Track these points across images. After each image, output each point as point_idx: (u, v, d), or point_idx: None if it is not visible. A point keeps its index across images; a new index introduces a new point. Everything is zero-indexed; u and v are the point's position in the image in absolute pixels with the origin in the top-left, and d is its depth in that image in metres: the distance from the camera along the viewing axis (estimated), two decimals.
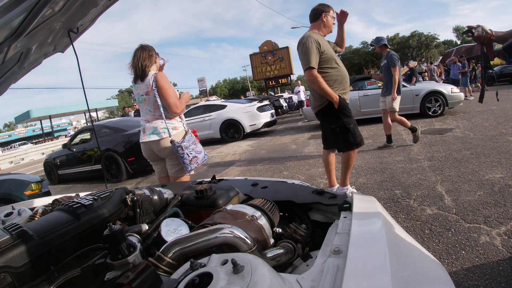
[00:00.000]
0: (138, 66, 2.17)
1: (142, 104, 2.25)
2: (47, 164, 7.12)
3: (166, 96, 2.14)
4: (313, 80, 2.40)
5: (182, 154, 2.14)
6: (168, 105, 2.16)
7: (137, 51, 2.20)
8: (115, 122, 6.40)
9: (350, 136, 2.47)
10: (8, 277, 0.64)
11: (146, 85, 2.18)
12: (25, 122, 24.77)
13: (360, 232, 0.68)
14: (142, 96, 2.22)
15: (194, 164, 2.18)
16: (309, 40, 2.43)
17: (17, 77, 1.50)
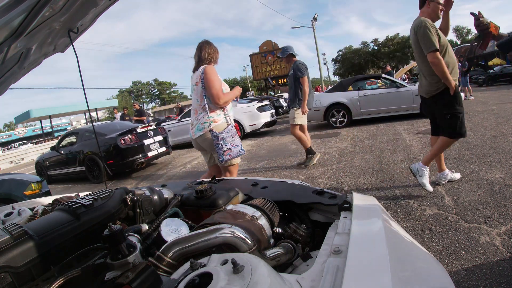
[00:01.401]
0: (195, 58, 2.43)
1: (193, 94, 2.45)
2: (38, 165, 7.49)
3: (210, 87, 2.28)
4: (437, 63, 2.38)
5: (217, 144, 2.28)
6: (211, 95, 2.30)
7: (200, 44, 2.44)
8: (97, 126, 6.75)
9: (458, 125, 2.49)
10: (8, 277, 0.64)
11: (196, 76, 2.37)
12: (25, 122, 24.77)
13: (360, 232, 0.68)
14: (193, 86, 2.43)
15: (227, 156, 2.30)
16: (428, 23, 2.43)
17: (17, 77, 1.49)
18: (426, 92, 2.61)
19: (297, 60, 4.18)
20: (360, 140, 5.49)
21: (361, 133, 6.15)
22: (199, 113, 2.39)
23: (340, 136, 6.34)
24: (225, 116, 2.41)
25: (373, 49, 46.92)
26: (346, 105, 7.39)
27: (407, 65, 23.42)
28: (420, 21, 2.47)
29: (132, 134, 5.93)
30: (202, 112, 2.37)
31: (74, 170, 6.43)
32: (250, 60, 24.27)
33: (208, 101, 2.34)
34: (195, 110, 2.43)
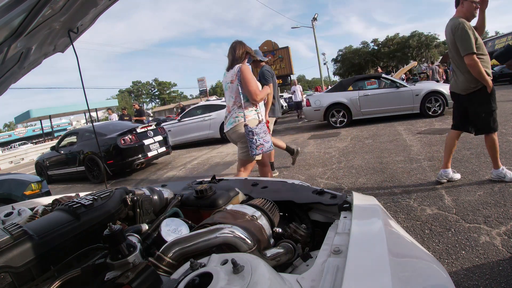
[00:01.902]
0: (231, 57, 2.56)
1: (227, 91, 2.59)
2: (38, 165, 7.50)
3: (248, 84, 2.43)
4: (474, 65, 2.43)
5: (251, 139, 2.42)
6: (248, 92, 2.45)
7: (234, 44, 2.58)
8: (97, 127, 6.74)
9: (491, 121, 2.58)
10: (8, 277, 0.64)
11: (231, 74, 2.52)
12: (25, 122, 24.74)
13: (360, 232, 0.68)
14: (228, 84, 2.57)
15: (259, 150, 2.44)
16: (465, 25, 2.46)
17: (17, 77, 1.49)
18: (463, 89, 2.64)
19: (264, 65, 3.92)
20: (360, 140, 5.49)
21: (361, 133, 6.15)
22: (232, 108, 2.56)
23: (340, 136, 6.34)
24: (256, 113, 2.56)
25: (373, 49, 46.90)
26: (346, 105, 7.39)
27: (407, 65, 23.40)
28: (457, 22, 2.49)
29: (132, 134, 5.93)
30: (235, 107, 2.53)
31: (74, 170, 6.44)
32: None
33: (243, 98, 2.49)
34: (228, 106, 2.60)
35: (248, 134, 2.42)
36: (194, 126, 8.68)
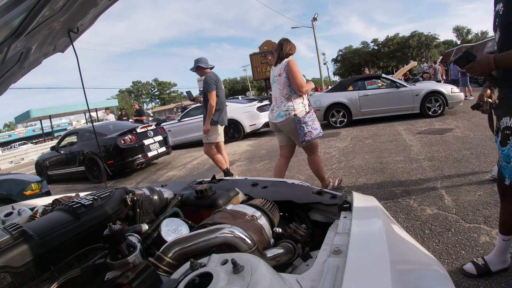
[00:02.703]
0: (278, 53, 2.81)
1: (275, 84, 2.83)
2: (38, 165, 7.49)
3: (295, 78, 2.67)
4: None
5: (300, 127, 2.67)
6: (295, 84, 2.69)
7: (281, 41, 2.84)
8: (97, 127, 6.73)
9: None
10: (8, 277, 0.64)
11: (279, 68, 2.77)
12: (25, 122, 24.73)
13: (360, 232, 0.68)
14: (276, 77, 2.82)
15: (308, 137, 2.69)
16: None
17: (17, 77, 1.49)
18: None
19: (209, 72, 3.81)
20: (360, 140, 5.49)
21: (361, 133, 6.15)
22: (279, 100, 2.80)
23: (340, 136, 6.34)
24: (303, 104, 2.77)
25: (373, 49, 46.92)
26: (346, 105, 7.39)
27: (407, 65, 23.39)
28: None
29: (132, 134, 5.93)
30: (283, 99, 2.77)
31: (74, 170, 6.44)
32: (250, 60, 24.23)
33: (290, 90, 2.73)
34: (276, 97, 2.84)
35: (297, 123, 2.68)
36: (194, 126, 8.67)
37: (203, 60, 3.85)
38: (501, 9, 1.32)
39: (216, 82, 3.73)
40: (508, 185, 1.38)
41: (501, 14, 1.33)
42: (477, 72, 1.33)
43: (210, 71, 3.85)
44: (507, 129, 1.33)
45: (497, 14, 1.39)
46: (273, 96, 2.92)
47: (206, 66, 3.82)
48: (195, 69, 3.85)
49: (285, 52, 2.79)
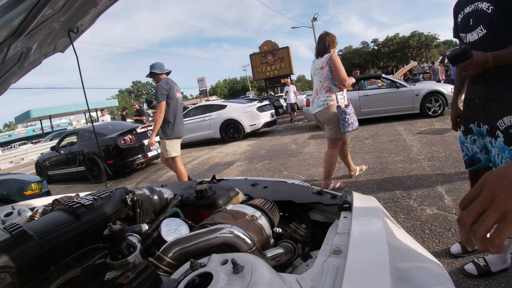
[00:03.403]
0: (320, 46, 2.95)
1: (316, 76, 2.98)
2: (38, 165, 7.50)
3: (338, 71, 2.80)
4: None
5: (344, 118, 2.82)
6: (339, 78, 2.82)
7: (322, 35, 2.98)
8: (97, 127, 6.73)
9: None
10: (8, 277, 0.64)
11: (322, 61, 2.91)
12: (25, 122, 24.72)
13: (360, 232, 0.68)
14: (317, 69, 2.95)
15: (350, 128, 2.85)
16: None
17: (17, 77, 1.49)
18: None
19: (163, 79, 3.51)
20: (360, 140, 5.48)
21: (361, 133, 6.15)
22: (320, 92, 2.95)
23: None
24: (343, 97, 2.94)
25: (373, 49, 46.93)
26: None
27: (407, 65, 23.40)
28: None
29: (132, 134, 5.94)
30: (323, 91, 2.93)
31: (74, 170, 6.44)
32: (250, 60, 24.24)
33: (332, 83, 2.88)
34: (317, 90, 3.00)
35: (341, 114, 2.83)
36: (194, 126, 8.67)
37: (157, 66, 3.57)
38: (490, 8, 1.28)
39: (167, 90, 3.43)
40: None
41: (489, 12, 1.28)
42: (474, 71, 1.29)
43: (165, 77, 3.57)
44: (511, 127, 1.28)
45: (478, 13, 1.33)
46: (314, 89, 3.09)
47: (160, 72, 3.53)
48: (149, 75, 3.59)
49: (326, 45, 2.92)
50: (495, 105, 1.35)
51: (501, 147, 1.34)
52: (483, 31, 1.33)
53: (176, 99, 3.54)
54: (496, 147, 1.36)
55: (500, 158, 1.37)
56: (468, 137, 1.54)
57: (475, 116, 1.46)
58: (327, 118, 2.92)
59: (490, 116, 1.37)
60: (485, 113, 1.40)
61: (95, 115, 23.72)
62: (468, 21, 1.39)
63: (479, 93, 1.42)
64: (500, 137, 1.34)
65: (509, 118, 1.29)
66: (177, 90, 3.60)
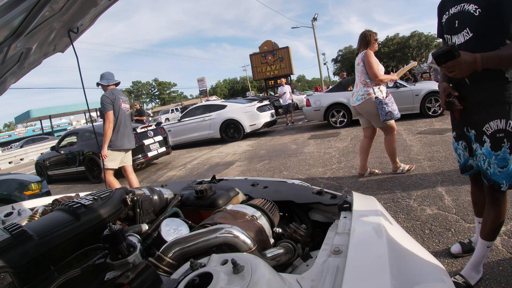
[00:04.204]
0: (359, 43, 3.23)
1: (356, 71, 3.28)
2: (38, 165, 7.48)
3: (370, 67, 3.08)
4: None
5: (382, 107, 3.06)
6: (370, 73, 3.10)
7: (362, 32, 3.22)
8: (97, 126, 6.66)
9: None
10: (8, 277, 0.64)
11: (359, 58, 3.21)
12: (25, 122, 24.71)
13: (360, 232, 0.68)
14: (356, 65, 3.27)
15: (389, 116, 3.07)
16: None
17: (17, 77, 1.49)
18: None
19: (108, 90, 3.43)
20: (360, 140, 5.49)
21: (361, 133, 6.14)
22: (359, 86, 3.23)
23: (340, 136, 6.34)
24: (380, 90, 3.15)
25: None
26: (346, 105, 7.38)
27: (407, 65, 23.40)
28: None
29: None
30: (361, 85, 3.19)
31: (74, 170, 6.44)
32: (250, 60, 24.25)
33: (366, 77, 3.14)
34: (356, 84, 3.28)
35: (378, 104, 3.06)
36: (194, 126, 8.68)
37: (105, 76, 3.51)
38: (477, 11, 1.24)
39: (112, 101, 3.36)
40: (505, 190, 1.33)
41: (476, 15, 1.25)
42: (460, 72, 1.21)
43: (113, 88, 3.50)
44: (499, 132, 1.27)
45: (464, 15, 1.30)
46: (355, 82, 3.36)
47: (107, 84, 3.47)
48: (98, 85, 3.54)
49: (364, 42, 3.16)
50: (482, 109, 1.32)
51: (488, 153, 1.32)
52: (469, 34, 1.29)
53: (121, 110, 3.47)
54: (483, 153, 1.34)
55: (487, 164, 1.34)
56: (459, 143, 1.52)
57: (464, 120, 1.44)
58: (367, 111, 3.17)
59: (477, 121, 1.35)
60: (472, 117, 1.38)
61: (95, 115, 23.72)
62: (454, 22, 1.35)
63: (466, 97, 1.39)
64: (487, 143, 1.32)
65: (496, 123, 1.27)
66: (123, 101, 3.53)
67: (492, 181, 1.35)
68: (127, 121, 3.59)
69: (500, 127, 1.27)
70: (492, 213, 1.42)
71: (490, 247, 1.46)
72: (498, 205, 1.41)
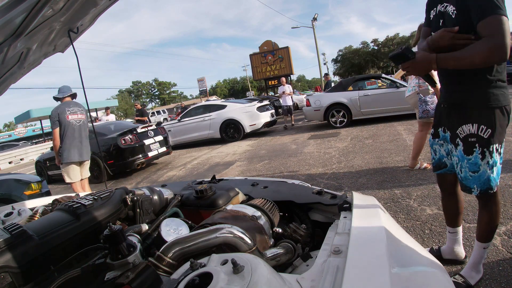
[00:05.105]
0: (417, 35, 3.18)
1: None
2: (38, 165, 7.45)
3: None
4: None
5: (420, 105, 3.18)
6: None
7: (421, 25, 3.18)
8: (97, 126, 6.66)
9: None
10: (8, 277, 0.64)
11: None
12: (25, 122, 24.68)
13: (360, 232, 0.68)
14: None
15: (425, 114, 3.14)
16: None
17: (17, 77, 1.49)
18: None
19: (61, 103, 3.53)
20: (360, 140, 5.49)
21: (361, 133, 6.15)
22: (413, 78, 3.36)
23: (340, 136, 6.34)
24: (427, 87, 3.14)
25: (373, 49, 46.90)
26: (346, 105, 7.39)
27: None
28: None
29: (132, 134, 5.93)
30: (414, 78, 3.32)
31: None
32: (250, 60, 24.24)
33: None
34: (410, 77, 3.42)
35: (419, 100, 3.18)
36: (194, 126, 8.68)
37: (61, 90, 3.61)
38: (454, 13, 1.25)
39: (57, 117, 3.42)
40: (478, 195, 1.34)
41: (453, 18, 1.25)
42: (416, 71, 1.27)
43: (67, 100, 3.59)
44: (472, 136, 1.27)
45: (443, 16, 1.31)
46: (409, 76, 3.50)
47: (62, 96, 3.55)
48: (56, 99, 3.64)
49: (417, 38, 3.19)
50: (457, 111, 1.33)
51: (461, 156, 1.33)
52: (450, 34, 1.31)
53: (67, 123, 3.48)
54: (456, 155, 1.35)
55: (459, 167, 1.35)
56: (436, 140, 1.53)
57: (442, 120, 1.45)
58: (413, 103, 3.34)
59: (452, 123, 1.36)
60: (448, 118, 1.39)
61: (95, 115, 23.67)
62: (439, 21, 1.37)
63: (444, 98, 1.41)
64: (460, 145, 1.33)
65: (468, 127, 1.28)
66: (70, 113, 3.53)
67: (463, 185, 1.36)
68: (77, 132, 3.57)
69: (472, 132, 1.27)
70: (485, 216, 1.42)
71: (487, 248, 1.46)
72: (489, 208, 1.41)
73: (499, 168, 1.32)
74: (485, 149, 1.26)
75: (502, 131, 1.27)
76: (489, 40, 1.11)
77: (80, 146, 3.61)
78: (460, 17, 1.23)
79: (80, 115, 3.66)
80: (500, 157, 1.31)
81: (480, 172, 1.29)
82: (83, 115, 3.70)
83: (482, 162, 1.28)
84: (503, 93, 1.25)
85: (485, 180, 1.30)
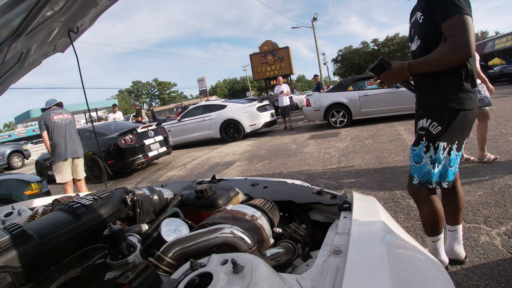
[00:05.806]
0: None
1: None
2: (38, 165, 7.43)
3: None
4: None
5: None
6: None
7: None
8: (97, 126, 6.68)
9: None
10: (8, 277, 0.64)
11: None
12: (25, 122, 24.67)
13: (360, 232, 0.68)
14: None
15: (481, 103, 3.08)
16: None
17: (17, 77, 1.49)
18: None
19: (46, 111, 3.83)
20: (360, 140, 5.49)
21: (361, 133, 6.15)
22: None
23: (340, 136, 6.34)
24: None
25: (373, 49, 46.91)
26: (346, 105, 7.39)
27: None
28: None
29: (132, 134, 5.93)
30: None
31: None
32: (250, 60, 24.25)
33: None
34: None
35: None
36: (194, 126, 8.68)
37: (47, 103, 3.94)
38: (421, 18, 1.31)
39: (43, 120, 3.73)
40: (416, 184, 1.39)
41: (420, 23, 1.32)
42: (393, 80, 1.35)
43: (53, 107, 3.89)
44: (422, 130, 1.36)
45: (415, 24, 1.38)
46: None
47: (48, 106, 3.89)
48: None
49: None
50: (422, 109, 1.42)
51: (411, 146, 1.42)
52: (418, 41, 1.39)
53: (53, 123, 3.75)
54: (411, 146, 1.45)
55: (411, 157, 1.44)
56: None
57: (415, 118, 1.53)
58: None
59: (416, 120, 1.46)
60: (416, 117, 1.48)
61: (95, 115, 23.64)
62: (411, 31, 1.45)
63: (417, 98, 1.49)
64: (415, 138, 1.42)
65: (423, 121, 1.36)
66: (55, 114, 3.81)
67: (409, 173, 1.45)
68: (63, 130, 3.81)
69: (424, 126, 1.36)
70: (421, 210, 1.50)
71: (436, 241, 1.51)
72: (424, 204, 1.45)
73: (446, 167, 1.36)
74: (430, 144, 1.33)
75: (456, 133, 1.32)
76: (451, 40, 1.17)
77: (67, 143, 3.82)
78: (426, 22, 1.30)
79: (66, 115, 3.92)
80: (450, 158, 1.35)
81: (422, 164, 1.36)
82: (68, 115, 3.96)
83: (425, 155, 1.35)
84: (469, 98, 1.30)
85: (425, 172, 1.36)
